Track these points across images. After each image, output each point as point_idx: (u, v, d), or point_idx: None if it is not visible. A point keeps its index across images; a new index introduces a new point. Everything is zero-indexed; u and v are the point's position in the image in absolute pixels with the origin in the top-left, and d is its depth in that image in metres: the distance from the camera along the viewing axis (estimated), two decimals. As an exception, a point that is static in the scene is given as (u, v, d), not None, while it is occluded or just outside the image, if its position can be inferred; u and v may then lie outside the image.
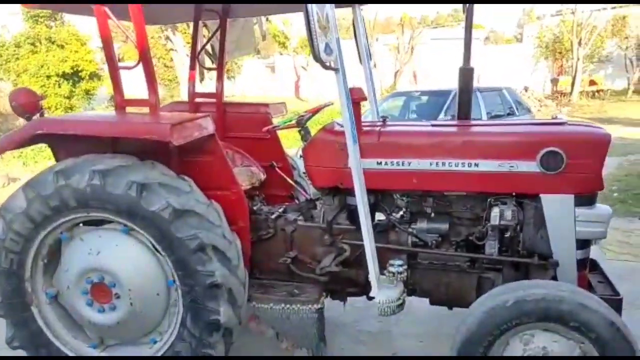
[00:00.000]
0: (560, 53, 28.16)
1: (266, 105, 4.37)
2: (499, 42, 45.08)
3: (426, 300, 3.53)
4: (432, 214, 3.43)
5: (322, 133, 3.50)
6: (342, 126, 3.36)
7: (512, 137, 3.20)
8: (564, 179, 3.05)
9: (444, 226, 3.41)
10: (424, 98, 10.13)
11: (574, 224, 3.08)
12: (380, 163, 3.30)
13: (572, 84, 26.07)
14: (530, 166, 3.08)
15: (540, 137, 3.13)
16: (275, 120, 4.33)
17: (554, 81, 28.71)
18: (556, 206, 3.09)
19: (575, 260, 3.14)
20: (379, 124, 3.56)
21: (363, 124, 3.50)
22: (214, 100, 4.44)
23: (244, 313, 3.27)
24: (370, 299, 3.52)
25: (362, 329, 4.31)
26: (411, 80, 29.85)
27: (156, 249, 3.05)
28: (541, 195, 3.12)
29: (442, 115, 9.05)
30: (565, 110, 21.96)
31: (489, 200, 3.25)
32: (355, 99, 3.18)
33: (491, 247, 3.30)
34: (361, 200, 3.08)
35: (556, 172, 3.04)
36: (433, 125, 3.55)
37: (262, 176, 4.11)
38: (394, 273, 3.20)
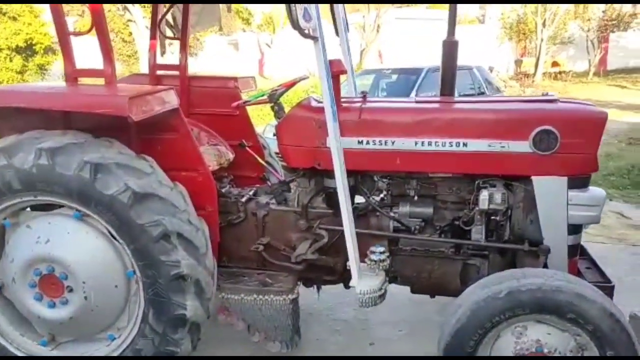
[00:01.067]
0: (524, 34, 28.31)
1: (234, 79, 4.05)
2: (462, 22, 45.18)
3: (403, 287, 3.32)
4: (416, 197, 3.21)
5: (298, 109, 3.22)
6: (320, 102, 3.09)
7: (503, 114, 2.99)
8: (557, 159, 2.86)
9: (428, 210, 3.20)
10: (394, 76, 9.88)
11: (566, 208, 2.90)
12: (362, 142, 3.05)
13: (536, 65, 26.28)
14: (522, 146, 2.88)
15: (533, 115, 2.93)
16: (245, 96, 4.02)
17: (518, 62, 28.92)
18: (548, 189, 2.91)
19: (567, 246, 2.97)
20: (358, 100, 3.29)
21: (342, 100, 3.23)
22: (177, 73, 4.09)
23: (213, 306, 2.99)
24: (348, 287, 3.30)
25: (338, 317, 4.09)
26: (377, 59, 29.65)
27: (113, 237, 2.73)
28: (533, 177, 2.93)
29: (413, 94, 8.83)
30: (530, 91, 22.15)
31: (477, 182, 3.05)
32: (334, 71, 2.90)
33: (478, 233, 3.12)
34: (341, 183, 2.83)
35: (549, 152, 2.86)
36: (417, 102, 3.30)
37: (231, 156, 3.81)
38: (375, 261, 2.97)
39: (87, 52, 4.46)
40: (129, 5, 17.84)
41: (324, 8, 3.21)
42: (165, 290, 2.70)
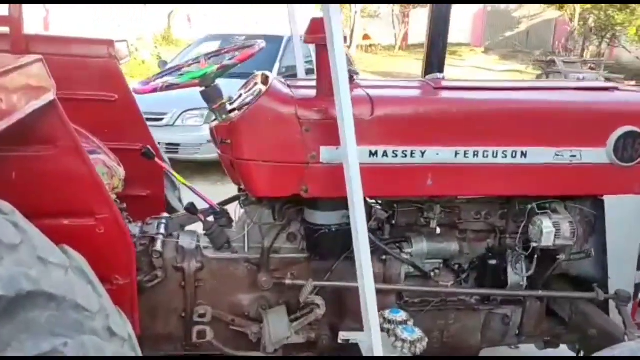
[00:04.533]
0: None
1: (109, 42, 2.57)
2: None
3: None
4: (437, 230, 2.20)
5: (267, 100, 1.98)
6: (298, 86, 1.93)
7: (573, 110, 2.11)
8: (636, 173, 2.09)
9: (452, 247, 2.24)
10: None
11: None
12: (375, 154, 1.98)
13: (351, 38, 26.76)
14: (598, 155, 2.07)
15: (613, 111, 2.10)
16: (124, 69, 2.59)
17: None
18: (623, 212, 2.16)
19: (634, 284, 2.25)
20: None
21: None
22: (5, 29, 2.44)
23: None
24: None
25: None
26: (186, 24, 27.52)
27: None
28: (605, 198, 2.12)
29: (277, 67, 7.67)
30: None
31: (529, 207, 2.14)
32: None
33: (518, 273, 2.25)
34: (358, 217, 1.71)
35: (632, 163, 2.07)
36: (444, 89, 2.23)
37: (122, 172, 2.35)
38: (405, 341, 1.91)
39: None
40: None
41: None
42: None
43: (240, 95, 2.28)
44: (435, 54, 2.66)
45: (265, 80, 2.17)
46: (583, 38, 19.02)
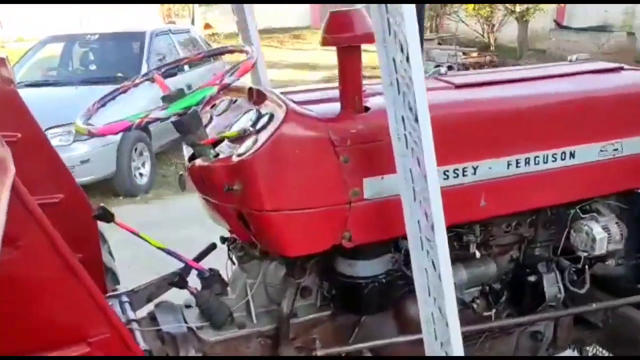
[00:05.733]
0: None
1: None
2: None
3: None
4: (477, 254, 1.88)
5: (294, 126, 1.50)
6: (309, 101, 1.53)
7: (609, 99, 1.90)
8: None
9: (491, 270, 1.94)
10: (101, 44, 7.45)
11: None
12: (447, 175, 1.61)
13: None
14: (638, 145, 1.90)
15: None
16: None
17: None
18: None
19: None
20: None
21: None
22: None
23: None
24: None
25: None
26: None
27: None
28: (642, 191, 1.96)
29: (145, 68, 6.75)
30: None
31: (570, 212, 1.91)
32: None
33: (554, 286, 2.03)
34: (443, 261, 1.40)
35: None
36: (458, 87, 1.87)
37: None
38: None
39: None
40: None
41: None
42: None
43: (230, 123, 1.73)
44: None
45: (260, 96, 1.65)
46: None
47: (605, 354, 2.42)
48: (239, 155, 1.51)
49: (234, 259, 1.86)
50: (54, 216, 1.80)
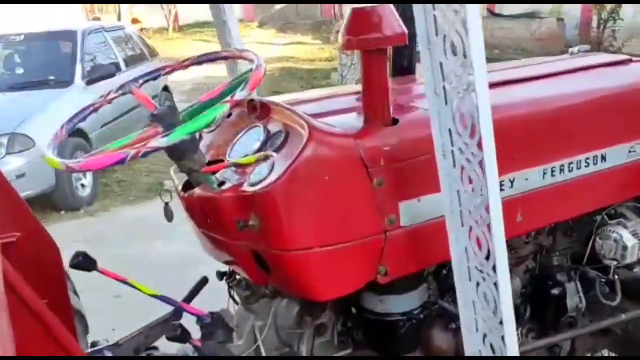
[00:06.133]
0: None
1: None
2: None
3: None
4: None
5: (320, 148, 1.26)
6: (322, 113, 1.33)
7: (632, 95, 1.77)
8: None
9: (515, 286, 1.84)
10: (28, 45, 6.80)
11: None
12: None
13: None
14: None
15: None
16: None
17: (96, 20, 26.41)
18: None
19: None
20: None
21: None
22: None
23: None
24: None
25: None
26: None
27: None
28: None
29: (79, 70, 6.20)
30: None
31: (596, 219, 1.78)
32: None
33: (576, 299, 1.91)
34: (505, 297, 1.20)
35: None
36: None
37: None
38: None
39: None
40: None
41: None
42: None
43: (228, 142, 1.46)
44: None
45: (264, 109, 1.40)
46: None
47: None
48: (252, 184, 1.26)
49: (235, 297, 1.61)
50: (12, 257, 1.51)
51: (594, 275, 1.85)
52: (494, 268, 1.22)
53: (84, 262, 1.45)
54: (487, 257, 1.22)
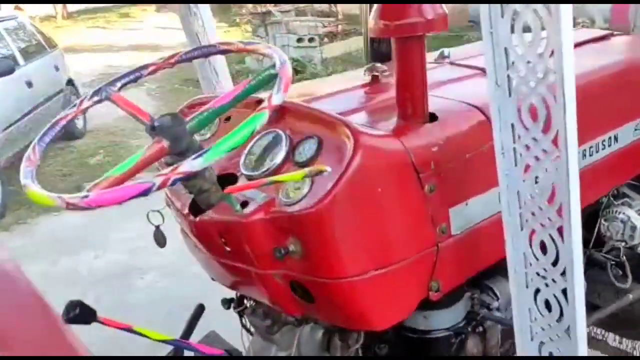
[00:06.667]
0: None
1: None
2: None
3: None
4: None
5: (370, 157, 1.07)
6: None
7: (633, 71, 1.73)
8: None
9: None
10: None
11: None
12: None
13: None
14: None
15: None
16: None
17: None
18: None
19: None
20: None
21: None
22: None
23: None
24: None
25: None
26: None
27: None
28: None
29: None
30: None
31: (602, 200, 1.75)
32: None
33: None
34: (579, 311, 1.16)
35: None
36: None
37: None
38: None
39: None
40: None
41: None
42: None
43: (242, 154, 1.23)
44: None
45: (279, 110, 1.18)
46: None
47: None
48: (288, 204, 1.05)
49: (248, 326, 1.40)
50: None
51: (601, 258, 1.81)
52: (563, 274, 1.11)
53: (82, 314, 1.17)
54: (555, 263, 1.10)
